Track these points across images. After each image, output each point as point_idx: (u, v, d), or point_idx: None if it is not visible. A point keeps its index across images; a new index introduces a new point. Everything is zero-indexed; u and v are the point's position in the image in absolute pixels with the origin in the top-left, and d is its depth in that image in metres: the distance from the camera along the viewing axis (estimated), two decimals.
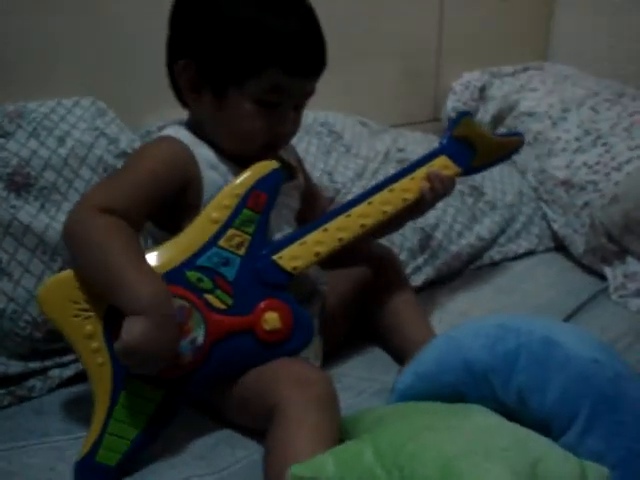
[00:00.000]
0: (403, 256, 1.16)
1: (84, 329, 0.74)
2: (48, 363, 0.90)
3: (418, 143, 1.36)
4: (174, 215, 0.83)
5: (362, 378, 0.94)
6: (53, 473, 0.74)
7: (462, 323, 0.86)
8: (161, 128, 1.01)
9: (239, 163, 0.84)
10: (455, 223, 1.23)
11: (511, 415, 0.76)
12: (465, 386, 0.79)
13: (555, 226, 1.28)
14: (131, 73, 1.12)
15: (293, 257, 0.82)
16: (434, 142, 1.39)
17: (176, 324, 0.73)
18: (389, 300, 0.99)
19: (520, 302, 1.12)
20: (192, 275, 0.77)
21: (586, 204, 1.20)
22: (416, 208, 0.94)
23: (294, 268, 0.82)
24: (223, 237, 0.79)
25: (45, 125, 0.98)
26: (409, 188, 0.91)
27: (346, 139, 1.27)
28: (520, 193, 1.32)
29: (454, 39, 1.49)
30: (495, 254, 1.26)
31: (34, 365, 0.89)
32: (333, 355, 0.97)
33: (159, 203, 0.81)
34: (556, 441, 0.72)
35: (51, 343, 0.90)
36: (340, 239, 0.85)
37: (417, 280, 1.16)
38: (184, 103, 0.88)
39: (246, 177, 0.80)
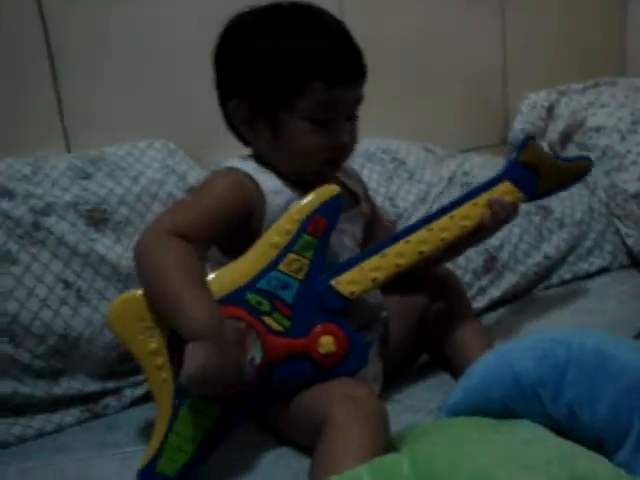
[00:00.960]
0: (467, 277, 1.16)
1: (149, 346, 0.78)
2: (122, 383, 0.98)
3: (485, 167, 1.36)
4: (239, 242, 0.85)
5: (421, 398, 0.94)
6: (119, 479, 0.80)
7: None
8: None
9: (303, 188, 0.86)
10: (521, 243, 1.22)
11: (563, 431, 0.74)
12: (514, 401, 0.77)
13: (630, 241, 1.24)
14: (200, 115, 1.20)
15: (350, 282, 0.83)
16: (501, 165, 1.38)
17: (237, 347, 0.76)
18: (453, 328, 0.98)
19: (590, 321, 1.08)
20: (252, 298, 0.80)
21: None
22: (476, 235, 0.94)
23: (351, 293, 0.83)
24: (283, 262, 0.81)
25: (121, 166, 1.08)
26: (469, 215, 0.91)
27: (409, 165, 1.29)
28: (590, 210, 1.29)
29: (520, 60, 1.49)
30: (565, 273, 1.23)
31: (109, 385, 0.97)
32: (394, 377, 0.97)
33: (225, 230, 0.84)
34: (610, 457, 0.70)
35: (125, 364, 0.98)
36: (398, 265, 0.86)
37: (482, 301, 1.16)
38: (244, 140, 0.92)
39: (307, 202, 0.82)
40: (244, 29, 0.87)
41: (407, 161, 1.30)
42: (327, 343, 0.80)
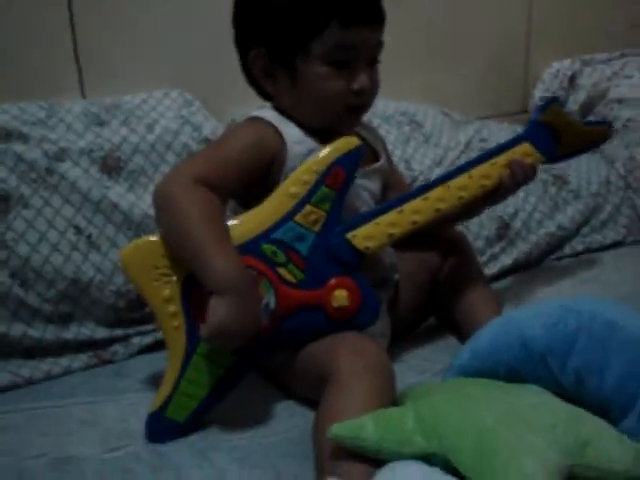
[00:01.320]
0: (480, 244, 1.16)
1: (162, 293, 0.78)
2: (130, 331, 0.98)
3: (502, 134, 1.34)
4: (257, 192, 0.84)
5: (427, 359, 0.94)
6: (125, 424, 0.81)
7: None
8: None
9: (325, 139, 0.84)
10: (535, 212, 1.21)
11: (569, 398, 0.74)
12: (522, 365, 0.77)
13: None
14: (218, 67, 1.18)
15: (367, 237, 0.83)
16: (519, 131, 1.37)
17: (257, 299, 0.76)
18: (463, 292, 0.98)
19: (601, 292, 1.07)
20: (267, 248, 0.79)
21: None
22: (494, 195, 0.93)
23: (367, 248, 0.82)
24: (300, 213, 0.80)
25: (136, 114, 1.07)
26: (489, 174, 0.90)
27: (426, 128, 1.28)
28: (607, 182, 1.28)
29: (545, 27, 1.46)
30: (578, 245, 1.23)
31: (118, 332, 0.97)
32: (402, 337, 0.98)
33: (247, 180, 0.84)
34: (616, 425, 0.70)
35: (133, 312, 0.98)
36: (414, 222, 0.85)
37: (493, 268, 1.16)
38: (265, 95, 0.91)
39: (326, 153, 0.80)
40: None
41: (424, 124, 1.28)
42: (340, 297, 0.80)
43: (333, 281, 0.81)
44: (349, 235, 0.82)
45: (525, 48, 1.48)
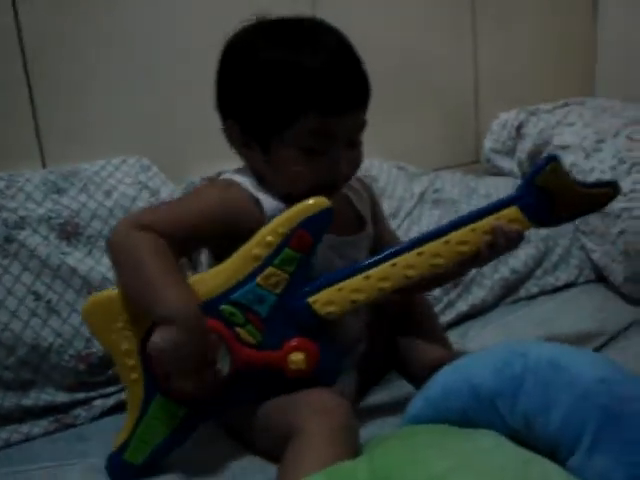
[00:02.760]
0: (436, 292, 1.18)
1: (121, 346, 0.80)
2: (92, 394, 0.99)
3: (456, 184, 1.39)
4: (234, 250, 0.81)
5: (387, 411, 0.95)
6: None
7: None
8: (205, 179, 1.09)
9: None
10: None
11: (521, 440, 0.75)
12: (473, 411, 0.78)
13: (594, 256, 1.27)
14: (175, 132, 1.22)
15: (328, 302, 0.80)
16: (471, 182, 1.41)
17: (206, 328, 0.76)
18: (420, 345, 0.96)
19: (554, 334, 1.10)
20: (226, 309, 0.79)
21: (622, 232, 1.19)
22: (470, 262, 0.86)
23: (328, 313, 0.80)
24: (261, 275, 0.78)
25: (94, 181, 1.10)
26: (467, 240, 0.82)
27: (381, 182, 1.31)
28: None
29: (491, 80, 1.53)
30: (532, 287, 1.26)
31: (79, 396, 0.98)
32: (362, 390, 0.98)
33: (205, 239, 0.84)
34: (564, 464, 0.71)
35: (95, 375, 0.99)
36: (381, 289, 0.81)
37: (450, 315, 1.18)
38: (242, 158, 0.89)
39: (292, 214, 0.78)
40: (239, 54, 0.85)
41: (379, 178, 1.32)
42: (297, 360, 0.79)
43: (291, 343, 0.80)
44: (310, 299, 0.80)
45: (474, 101, 1.54)
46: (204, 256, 0.98)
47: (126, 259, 0.78)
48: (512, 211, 0.83)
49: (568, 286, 1.28)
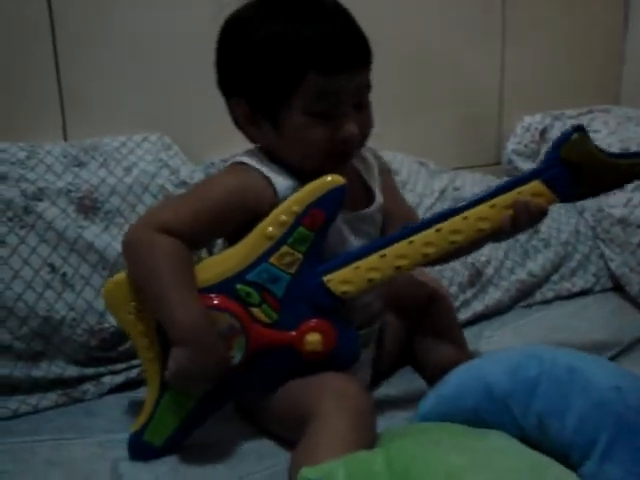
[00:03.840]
0: (453, 290, 1.17)
1: (137, 327, 0.81)
2: (102, 370, 0.98)
3: (476, 183, 1.38)
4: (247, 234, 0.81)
5: (398, 406, 0.94)
6: (90, 464, 0.81)
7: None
8: (225, 161, 1.06)
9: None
10: (506, 259, 1.23)
11: (532, 443, 0.74)
12: (485, 411, 0.78)
13: (612, 265, 1.26)
14: (197, 112, 1.21)
15: (344, 281, 0.79)
16: (492, 182, 1.41)
17: (220, 348, 0.77)
18: (437, 342, 0.96)
19: (568, 340, 1.09)
20: (242, 289, 0.79)
21: None
22: (491, 238, 0.84)
23: (343, 292, 0.79)
24: (275, 254, 0.78)
25: (115, 157, 1.09)
26: (487, 217, 0.80)
27: (402, 176, 1.30)
28: (576, 232, 1.31)
29: (517, 85, 1.51)
30: (547, 292, 1.25)
31: (89, 371, 0.97)
32: (376, 383, 0.98)
33: (220, 229, 0.83)
34: (576, 470, 0.71)
35: (105, 351, 0.98)
36: (398, 267, 0.79)
37: (465, 314, 1.17)
38: (250, 137, 0.88)
39: (306, 194, 0.78)
40: (237, 30, 0.84)
41: (400, 172, 1.31)
42: (313, 341, 0.79)
43: (307, 323, 0.79)
44: (325, 278, 0.79)
45: (498, 102, 1.53)
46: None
47: (139, 265, 0.79)
48: (535, 185, 0.80)
49: (584, 293, 1.27)
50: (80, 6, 1.13)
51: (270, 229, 0.78)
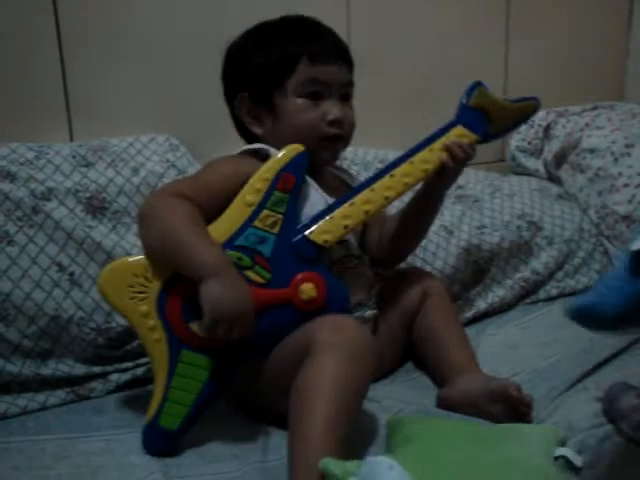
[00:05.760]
0: (455, 288, 1.18)
1: (139, 309, 0.83)
2: (109, 368, 0.99)
3: (479, 181, 1.39)
4: None
5: (402, 401, 0.95)
6: (99, 462, 0.82)
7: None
8: None
9: (310, 171, 0.92)
10: (510, 257, 1.24)
11: None
12: None
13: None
14: (203, 114, 1.22)
15: (324, 231, 0.89)
16: (495, 180, 1.41)
17: (243, 280, 0.82)
18: (437, 338, 1.00)
19: (573, 337, 1.10)
20: (233, 254, 0.85)
21: None
22: (441, 177, 1.00)
23: (325, 241, 0.89)
24: (257, 218, 0.86)
25: (123, 157, 1.10)
26: (428, 159, 0.97)
27: None
28: (580, 229, 1.31)
29: (520, 82, 1.51)
30: (551, 289, 1.25)
31: (96, 369, 0.99)
32: (377, 380, 0.99)
33: (224, 203, 0.88)
34: None
35: (113, 349, 1.00)
36: (366, 212, 0.92)
37: (468, 312, 1.18)
38: (251, 140, 0.98)
39: (275, 161, 0.88)
40: (241, 41, 1.00)
41: None
42: (308, 289, 0.85)
43: (298, 276, 0.86)
44: (307, 232, 0.89)
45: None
46: None
47: (158, 224, 0.83)
48: (458, 130, 1.00)
49: (587, 290, 1.27)
50: (86, 8, 1.15)
51: (249, 197, 0.87)
